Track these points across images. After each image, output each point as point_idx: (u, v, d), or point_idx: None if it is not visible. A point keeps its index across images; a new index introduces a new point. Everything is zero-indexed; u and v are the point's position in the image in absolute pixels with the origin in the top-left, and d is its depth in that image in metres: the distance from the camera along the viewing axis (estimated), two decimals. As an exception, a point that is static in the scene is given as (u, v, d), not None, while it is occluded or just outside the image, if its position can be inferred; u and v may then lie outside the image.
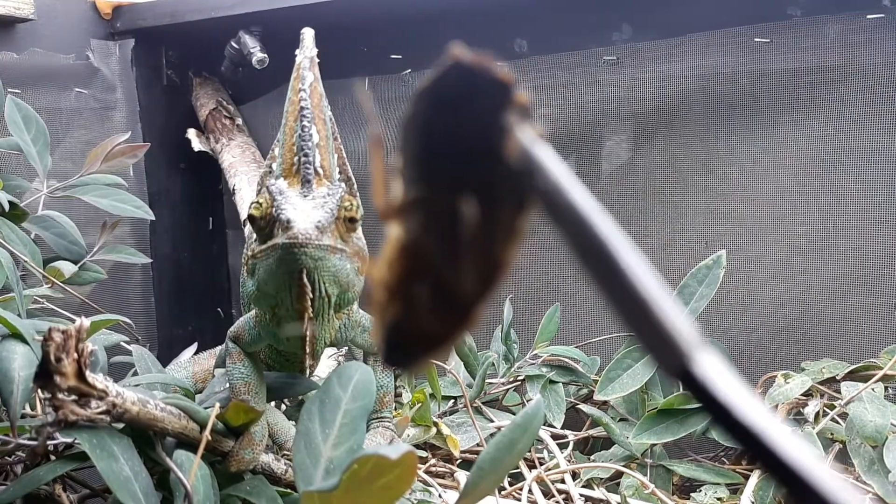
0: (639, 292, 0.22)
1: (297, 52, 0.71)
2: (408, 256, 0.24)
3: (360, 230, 0.68)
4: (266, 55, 1.32)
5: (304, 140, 0.64)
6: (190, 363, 0.97)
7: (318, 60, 0.70)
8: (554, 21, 1.25)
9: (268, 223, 0.63)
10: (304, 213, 0.61)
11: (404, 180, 0.24)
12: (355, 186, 0.72)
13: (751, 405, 0.22)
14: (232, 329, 0.74)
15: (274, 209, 0.62)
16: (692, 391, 0.22)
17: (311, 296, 0.62)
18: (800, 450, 0.21)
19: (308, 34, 0.71)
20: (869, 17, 1.07)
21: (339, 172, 0.70)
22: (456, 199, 0.23)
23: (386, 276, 0.25)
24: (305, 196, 0.63)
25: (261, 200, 0.63)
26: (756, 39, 1.14)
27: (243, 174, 1.33)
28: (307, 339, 0.65)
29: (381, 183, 0.25)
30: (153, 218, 1.11)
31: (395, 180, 0.24)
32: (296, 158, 0.65)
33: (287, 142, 0.68)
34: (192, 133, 1.46)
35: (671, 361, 0.22)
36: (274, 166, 0.71)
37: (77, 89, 1.31)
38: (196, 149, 1.44)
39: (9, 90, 1.14)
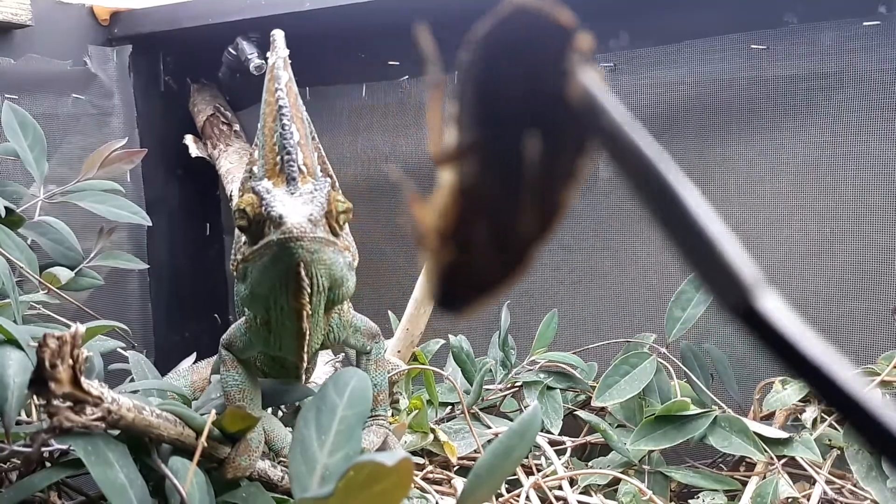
0: (703, 230, 0.22)
1: (268, 53, 0.71)
2: (463, 201, 0.24)
3: (347, 226, 0.68)
4: (263, 61, 1.32)
5: (286, 139, 0.64)
6: (189, 372, 0.97)
7: (290, 61, 0.70)
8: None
9: (257, 224, 0.63)
10: (295, 208, 0.61)
11: (460, 126, 0.24)
12: (337, 184, 0.72)
13: (812, 341, 0.22)
14: (224, 336, 0.74)
15: (263, 208, 0.61)
16: (753, 328, 0.22)
17: (309, 291, 0.62)
18: (862, 385, 0.22)
19: (279, 35, 0.71)
20: (865, 23, 1.07)
21: (321, 171, 0.70)
22: (515, 143, 0.23)
23: (439, 223, 0.25)
24: (292, 193, 0.63)
25: (246, 202, 0.63)
26: (752, 46, 1.14)
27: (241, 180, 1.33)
28: (304, 338, 0.65)
29: (436, 129, 0.25)
30: (150, 224, 1.11)
31: (449, 127, 0.24)
32: (278, 158, 0.65)
33: (267, 142, 0.67)
34: (189, 139, 1.46)
35: (733, 299, 0.22)
36: (255, 169, 0.71)
37: (74, 95, 1.31)
38: (193, 155, 1.44)
39: (6, 96, 1.14)
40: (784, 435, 0.90)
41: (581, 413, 1.01)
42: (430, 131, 0.25)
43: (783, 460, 0.88)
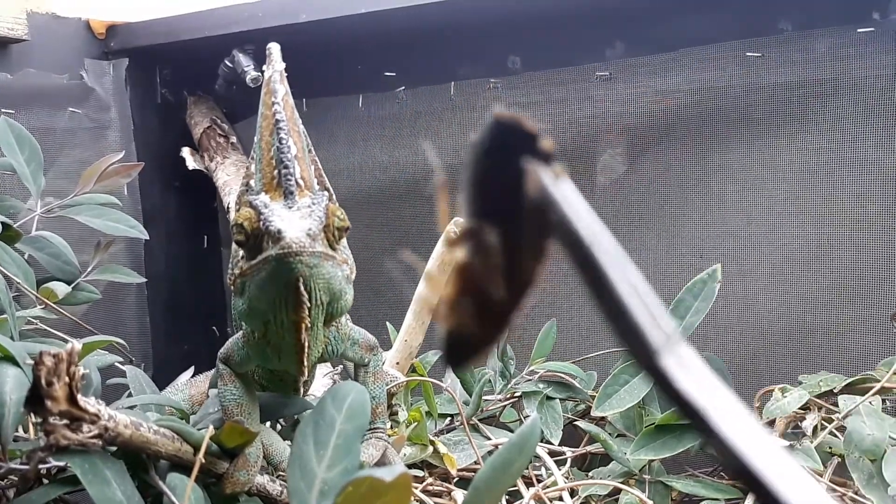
0: (617, 295, 0.26)
1: (264, 66, 0.71)
2: (463, 276, 0.30)
3: (345, 239, 0.68)
4: (260, 73, 1.32)
5: (283, 152, 0.64)
6: (187, 386, 0.97)
7: (286, 74, 0.70)
8: (547, 38, 1.26)
9: (255, 238, 0.62)
10: (293, 222, 0.61)
11: (465, 215, 0.30)
12: (334, 197, 0.72)
13: (719, 402, 0.24)
14: (221, 350, 0.73)
15: (261, 223, 0.61)
16: (659, 385, 0.25)
17: (308, 305, 0.61)
18: (763, 447, 0.24)
19: (275, 48, 0.71)
20: (859, 30, 1.08)
21: (317, 184, 0.70)
22: (496, 229, 0.29)
23: (447, 293, 0.31)
24: (290, 207, 0.63)
25: (244, 217, 0.63)
26: (748, 54, 1.14)
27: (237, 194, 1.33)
28: (304, 351, 0.65)
29: (445, 218, 0.31)
30: (147, 237, 1.11)
31: (459, 215, 0.30)
32: (275, 171, 0.65)
33: (265, 156, 0.67)
34: (186, 151, 1.46)
35: (642, 356, 0.25)
36: (252, 183, 0.70)
37: (71, 109, 1.31)
38: (190, 167, 1.44)
39: (2, 111, 1.14)
40: (784, 443, 0.90)
41: (581, 423, 1.01)
42: (441, 220, 0.31)
43: (784, 468, 0.88)
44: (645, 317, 0.26)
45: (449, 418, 1.04)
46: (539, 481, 0.91)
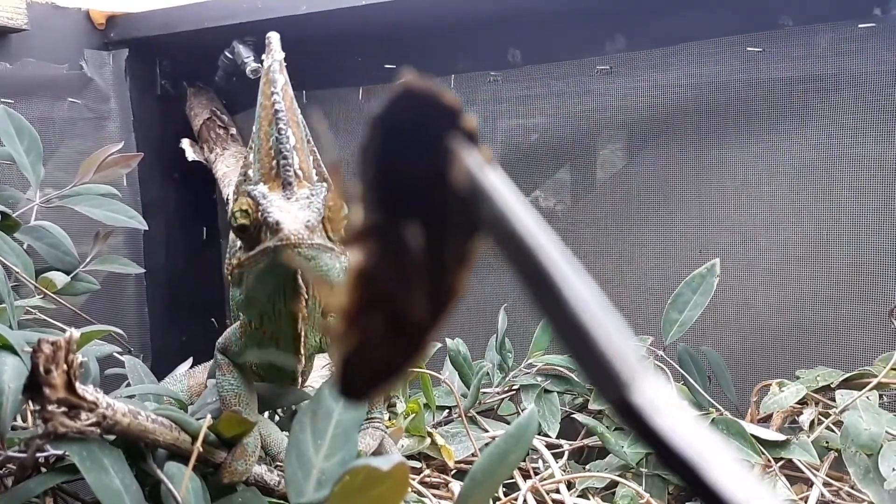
0: (581, 322, 0.21)
1: (263, 56, 0.70)
2: (364, 284, 0.24)
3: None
4: (259, 65, 1.32)
5: (282, 143, 0.64)
6: (185, 376, 0.97)
7: (285, 64, 0.70)
8: (547, 31, 1.26)
9: (254, 229, 0.62)
10: (292, 213, 0.60)
11: (364, 207, 0.24)
12: (333, 188, 0.72)
13: (693, 438, 0.20)
14: (219, 341, 0.73)
15: (260, 213, 0.61)
16: (629, 423, 0.21)
17: (306, 296, 0.62)
18: (745, 486, 0.20)
19: (274, 38, 0.71)
20: (860, 26, 1.08)
21: (316, 175, 0.70)
22: (408, 226, 0.23)
23: (345, 305, 0.24)
24: (289, 198, 0.62)
25: (242, 207, 0.63)
26: (748, 49, 1.14)
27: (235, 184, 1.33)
28: (301, 342, 0.65)
29: (339, 209, 0.25)
30: (146, 228, 1.11)
31: (357, 206, 0.24)
32: (274, 162, 0.65)
33: (263, 147, 0.67)
34: (185, 143, 1.46)
35: (610, 391, 0.21)
36: (250, 173, 0.70)
37: (70, 99, 1.31)
38: (190, 158, 1.43)
39: (1, 100, 1.14)
40: (781, 437, 0.90)
41: (578, 416, 1.01)
42: (333, 209, 0.25)
43: (780, 462, 0.88)
44: (609, 342, 0.21)
45: (447, 410, 1.05)
46: (536, 474, 0.91)
